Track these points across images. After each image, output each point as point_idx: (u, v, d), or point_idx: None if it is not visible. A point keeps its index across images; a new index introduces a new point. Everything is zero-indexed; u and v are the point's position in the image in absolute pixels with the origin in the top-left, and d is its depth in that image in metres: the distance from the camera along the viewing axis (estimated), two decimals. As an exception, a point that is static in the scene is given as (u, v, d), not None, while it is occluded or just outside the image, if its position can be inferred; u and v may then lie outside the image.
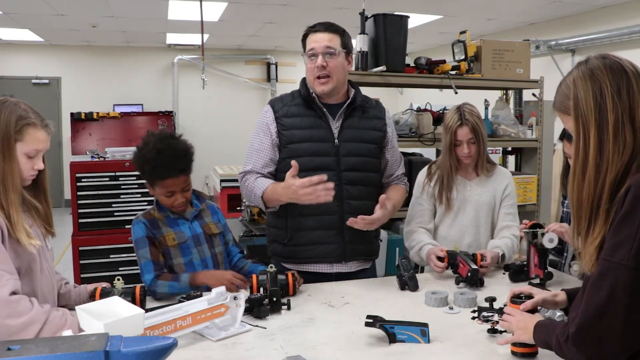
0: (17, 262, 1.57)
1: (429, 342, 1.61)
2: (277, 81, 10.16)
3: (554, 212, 5.80)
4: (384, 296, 2.07)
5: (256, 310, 1.81)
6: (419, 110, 3.67)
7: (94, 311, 1.46)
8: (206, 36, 7.83)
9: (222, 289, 1.73)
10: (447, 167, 2.44)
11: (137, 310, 1.47)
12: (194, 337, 1.66)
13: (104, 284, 1.88)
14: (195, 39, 8.51)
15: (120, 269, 4.32)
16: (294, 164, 2.02)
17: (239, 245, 2.40)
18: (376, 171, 2.32)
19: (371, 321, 1.62)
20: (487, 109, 3.71)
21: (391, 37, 3.23)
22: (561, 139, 2.29)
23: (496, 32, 7.57)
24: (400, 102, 9.53)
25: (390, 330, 1.61)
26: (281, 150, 2.23)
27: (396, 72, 3.29)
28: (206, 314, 1.64)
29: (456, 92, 3.38)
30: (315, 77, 2.18)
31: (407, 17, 3.33)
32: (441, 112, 3.62)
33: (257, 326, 1.75)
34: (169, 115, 5.92)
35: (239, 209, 4.29)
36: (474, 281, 2.11)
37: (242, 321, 1.73)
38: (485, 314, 1.76)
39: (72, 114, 5.47)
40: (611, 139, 1.19)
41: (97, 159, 4.59)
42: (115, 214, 4.48)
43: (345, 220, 2.16)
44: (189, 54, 9.66)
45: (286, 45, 9.49)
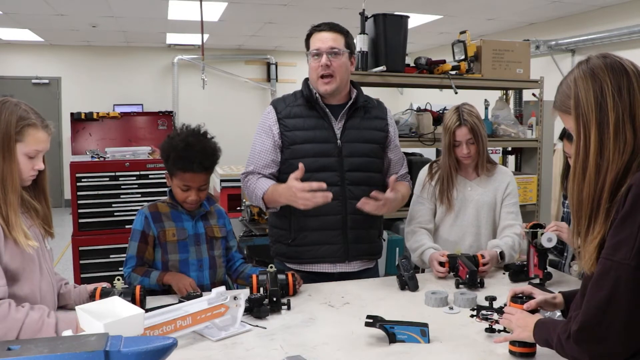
0: (15, 263, 1.57)
1: (429, 342, 1.61)
2: (277, 81, 10.15)
3: (554, 212, 5.79)
4: (384, 296, 2.07)
5: (256, 310, 1.81)
6: (419, 110, 3.67)
7: (94, 311, 1.46)
8: (206, 36, 7.83)
9: (222, 288, 1.73)
10: (446, 167, 2.44)
11: (137, 310, 1.47)
12: (194, 337, 1.66)
13: (104, 284, 1.88)
14: (195, 39, 8.51)
15: (120, 269, 4.26)
16: (301, 166, 2.04)
17: (242, 251, 2.41)
18: (379, 171, 2.33)
19: (371, 321, 1.63)
20: (487, 109, 3.70)
21: (391, 37, 3.23)
22: (561, 138, 2.29)
23: (496, 32, 7.57)
24: (400, 102, 9.53)
25: (390, 330, 1.61)
26: (284, 151, 2.24)
27: (396, 72, 3.29)
28: (206, 314, 1.65)
29: (456, 92, 3.37)
30: (319, 76, 2.19)
31: (407, 17, 3.33)
32: (441, 112, 3.62)
33: (257, 326, 1.75)
34: (169, 115, 5.91)
35: (239, 209, 4.30)
36: (473, 283, 2.11)
37: (242, 321, 1.73)
38: (484, 312, 1.76)
39: (72, 114, 5.47)
40: (612, 138, 1.19)
41: (97, 159, 4.59)
42: (115, 214, 4.48)
43: (348, 220, 2.20)
44: (189, 54, 9.66)
45: (286, 45, 9.49)
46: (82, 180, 4.39)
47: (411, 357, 1.53)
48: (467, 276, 2.11)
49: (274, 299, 1.86)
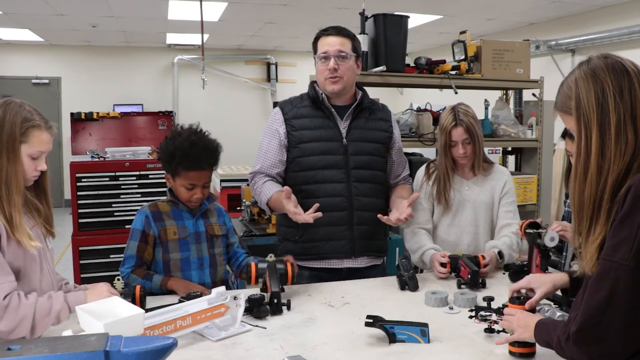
0: (18, 262, 1.58)
1: (429, 342, 1.61)
2: (277, 81, 10.15)
3: (554, 212, 5.80)
4: (384, 296, 2.07)
5: (256, 310, 1.81)
6: (419, 110, 3.67)
7: (94, 311, 1.46)
8: (206, 36, 7.83)
9: (222, 288, 1.73)
10: (443, 167, 2.45)
11: (137, 310, 1.47)
12: (194, 337, 1.66)
13: (104, 284, 1.87)
14: (195, 39, 8.51)
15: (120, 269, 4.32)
16: (287, 190, 2.09)
17: (244, 246, 2.41)
18: (383, 170, 2.41)
19: (371, 321, 1.63)
20: (487, 109, 3.70)
21: (391, 37, 3.24)
22: (563, 137, 2.29)
23: (496, 32, 7.57)
24: (400, 102, 9.53)
25: (390, 330, 1.61)
26: (291, 150, 2.31)
27: (396, 72, 3.30)
28: (206, 314, 1.65)
29: (456, 92, 3.38)
30: (326, 77, 2.27)
31: (407, 17, 3.33)
32: (441, 112, 3.61)
33: (257, 326, 1.75)
34: (169, 115, 5.91)
35: (239, 209, 4.29)
36: (475, 283, 2.11)
37: (242, 321, 1.73)
38: (482, 313, 1.76)
39: (72, 114, 5.47)
40: (613, 139, 1.18)
41: (97, 159, 4.59)
42: (115, 214, 4.48)
43: (354, 216, 2.28)
44: (189, 54, 9.66)
45: (286, 45, 9.49)
46: (82, 180, 4.39)
47: (411, 357, 1.53)
48: (469, 276, 2.11)
49: (275, 301, 1.87)
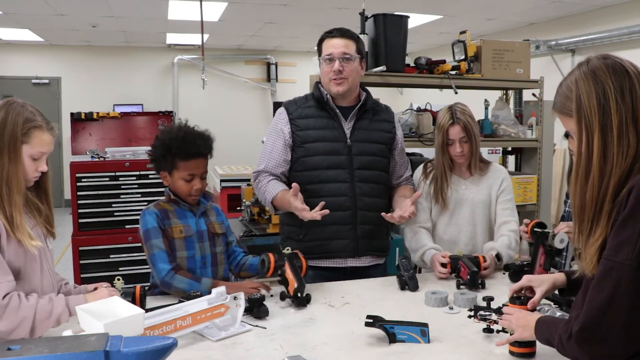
0: (18, 262, 1.58)
1: (429, 342, 1.61)
2: (277, 81, 10.14)
3: (554, 212, 5.79)
4: (384, 296, 2.07)
5: (256, 310, 1.81)
6: (419, 110, 3.66)
7: (94, 311, 1.46)
8: (206, 36, 7.83)
9: (222, 288, 1.73)
10: (440, 166, 2.46)
11: (137, 310, 1.47)
12: (194, 337, 1.66)
13: (104, 284, 1.87)
14: (195, 39, 8.51)
15: (120, 269, 4.31)
16: (295, 187, 2.10)
17: (241, 245, 2.42)
18: (386, 170, 2.44)
19: (371, 321, 1.63)
20: (487, 109, 3.70)
21: (391, 37, 3.23)
22: (566, 136, 2.28)
23: (496, 32, 7.56)
24: (400, 102, 9.53)
25: (390, 330, 1.61)
26: (295, 150, 2.33)
27: (396, 72, 3.29)
28: (206, 314, 1.65)
29: (456, 92, 3.37)
30: (331, 79, 2.28)
31: (407, 17, 3.32)
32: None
33: (257, 326, 1.75)
34: (169, 115, 5.91)
35: (239, 209, 4.29)
36: (474, 284, 2.11)
37: (242, 321, 1.73)
38: (482, 313, 1.76)
39: (72, 114, 5.47)
40: (615, 141, 1.18)
41: (97, 159, 4.59)
42: (115, 214, 4.47)
43: (358, 216, 2.29)
44: (189, 54, 9.66)
45: (286, 45, 9.49)
46: (82, 180, 4.38)
47: (411, 357, 1.53)
48: (468, 277, 2.12)
49: (299, 294, 1.91)
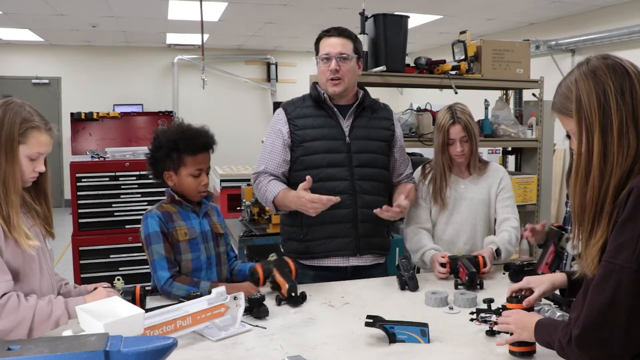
0: (17, 262, 1.58)
1: (429, 342, 1.61)
2: (277, 81, 10.15)
3: (554, 212, 5.79)
4: (384, 296, 2.07)
5: (256, 310, 1.81)
6: (419, 110, 3.66)
7: (94, 311, 1.46)
8: (206, 36, 7.83)
9: (222, 289, 1.73)
10: (440, 166, 2.46)
11: (137, 310, 1.47)
12: (194, 337, 1.66)
13: (104, 284, 1.87)
14: (195, 39, 8.51)
15: (120, 269, 4.31)
16: (308, 178, 2.11)
17: (233, 249, 2.41)
18: (386, 168, 2.42)
19: (371, 321, 1.63)
20: (487, 109, 3.70)
21: (391, 37, 3.23)
22: (568, 136, 2.28)
23: (496, 32, 7.56)
24: (400, 102, 9.53)
25: (390, 330, 1.61)
26: (294, 149, 2.32)
27: (396, 72, 3.29)
28: (206, 314, 1.65)
29: (456, 92, 3.37)
30: (328, 79, 2.28)
31: (407, 17, 3.32)
32: (441, 112, 3.62)
33: (257, 326, 1.75)
34: (169, 115, 5.91)
35: (239, 209, 4.30)
36: (473, 284, 2.11)
37: (242, 321, 1.73)
38: (483, 315, 1.76)
39: (72, 114, 5.47)
40: (615, 142, 1.17)
41: (97, 159, 4.59)
42: (115, 214, 4.47)
43: (358, 214, 2.27)
44: (189, 54, 9.66)
45: (286, 45, 9.49)
46: (82, 180, 4.38)
47: (411, 357, 1.53)
48: (467, 278, 2.12)
49: (293, 294, 1.90)
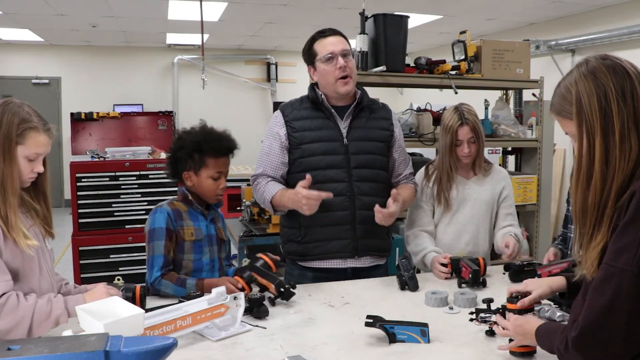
0: (16, 262, 1.58)
1: (429, 342, 1.61)
2: (277, 81, 10.15)
3: (553, 212, 5.80)
4: (384, 296, 2.07)
5: (256, 310, 1.81)
6: (419, 110, 3.66)
7: (94, 311, 1.46)
8: (206, 36, 7.82)
9: (222, 289, 1.73)
10: (446, 167, 2.45)
11: (137, 310, 1.47)
12: (194, 337, 1.66)
13: (104, 284, 1.87)
14: (195, 39, 8.51)
15: (120, 269, 4.31)
16: (308, 177, 2.10)
17: (229, 256, 2.42)
18: (385, 169, 2.40)
19: (371, 321, 1.63)
20: (487, 109, 3.70)
21: (391, 37, 3.23)
22: None
23: (496, 32, 7.56)
24: (400, 102, 9.53)
25: (390, 330, 1.61)
26: (292, 151, 2.31)
27: (396, 72, 3.29)
28: (206, 314, 1.65)
29: (456, 92, 3.37)
30: (337, 78, 2.25)
31: (407, 17, 3.33)
32: (441, 112, 3.61)
33: (257, 326, 1.75)
34: (169, 115, 5.92)
35: (239, 209, 4.30)
36: (476, 282, 2.11)
37: (242, 321, 1.73)
38: (483, 315, 1.76)
39: (72, 114, 5.48)
40: (617, 145, 1.15)
41: (97, 159, 4.59)
42: (115, 214, 4.48)
43: (356, 215, 2.26)
44: (189, 54, 9.66)
45: (286, 45, 9.48)
46: (82, 180, 4.39)
47: (411, 357, 1.53)
48: (470, 275, 2.12)
49: (282, 290, 1.90)
